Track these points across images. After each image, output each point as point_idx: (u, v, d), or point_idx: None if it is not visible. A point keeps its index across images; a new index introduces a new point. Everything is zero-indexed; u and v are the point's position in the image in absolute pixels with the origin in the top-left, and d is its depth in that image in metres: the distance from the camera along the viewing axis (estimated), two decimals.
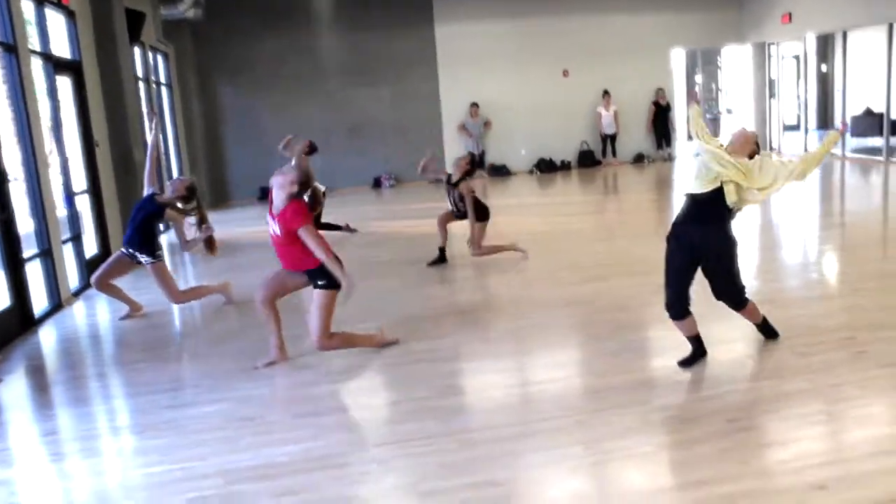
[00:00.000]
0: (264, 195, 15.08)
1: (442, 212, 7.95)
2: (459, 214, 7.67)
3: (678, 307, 4.29)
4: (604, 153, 16.46)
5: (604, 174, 15.41)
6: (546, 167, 16.08)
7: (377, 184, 15.79)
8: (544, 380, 4.38)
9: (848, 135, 15.18)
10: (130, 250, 6.43)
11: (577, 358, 4.77)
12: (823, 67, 17.80)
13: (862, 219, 9.29)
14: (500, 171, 16.04)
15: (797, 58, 16.44)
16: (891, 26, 13.25)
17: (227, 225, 11.88)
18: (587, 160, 16.32)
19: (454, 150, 16.00)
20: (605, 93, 16.19)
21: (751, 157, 4.17)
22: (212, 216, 12.86)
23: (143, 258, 6.39)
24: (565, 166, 16.29)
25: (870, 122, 14.91)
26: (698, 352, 4.37)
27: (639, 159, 16.55)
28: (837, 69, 15.52)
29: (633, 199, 12.32)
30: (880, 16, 13.27)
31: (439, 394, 4.30)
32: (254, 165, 15.20)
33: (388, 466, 3.53)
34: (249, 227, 11.68)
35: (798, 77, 16.45)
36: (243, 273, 7.89)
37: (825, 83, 17.98)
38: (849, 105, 15.34)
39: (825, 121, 17.61)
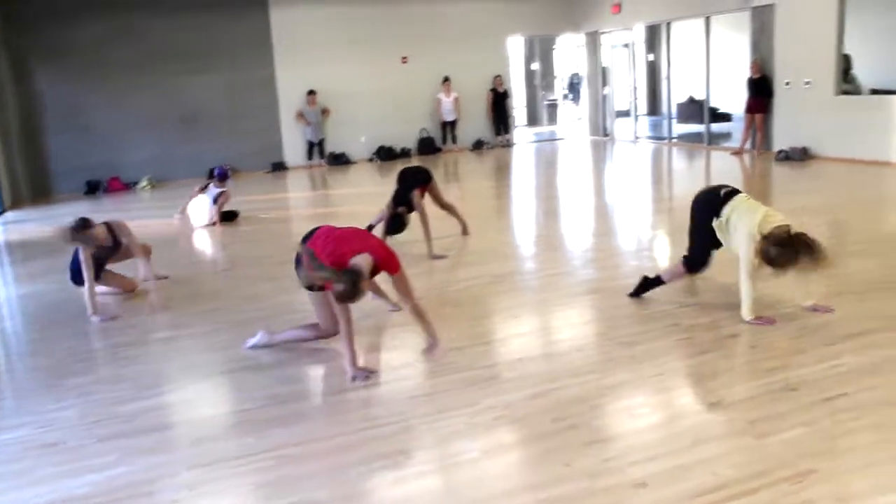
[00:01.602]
0: (91, 189, 14.11)
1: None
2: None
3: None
4: (444, 140, 16.50)
5: (444, 161, 15.42)
6: (386, 155, 15.91)
7: (212, 174, 15.06)
8: (370, 384, 4.19)
9: (674, 120, 15.95)
10: None
11: (404, 360, 4.61)
12: (651, 57, 18.60)
13: (688, 202, 9.67)
14: (340, 160, 15.73)
15: (627, 47, 17.04)
16: (708, 19, 13.96)
17: (47, 222, 10.99)
18: (427, 147, 16.30)
19: (292, 138, 15.60)
20: (445, 79, 16.20)
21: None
22: (34, 212, 12.14)
23: None
24: (406, 153, 16.20)
25: (693, 110, 15.69)
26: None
27: (478, 146, 16.69)
28: (664, 59, 16.23)
29: (472, 186, 12.36)
30: (699, 9, 13.94)
31: (261, 405, 4.03)
32: (79, 157, 14.21)
33: (200, 491, 3.23)
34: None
35: (629, 66, 17.06)
36: (62, 275, 7.28)
37: (654, 72, 18.81)
38: (674, 93, 16.08)
39: (655, 107, 18.44)
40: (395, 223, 7.10)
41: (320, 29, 15.54)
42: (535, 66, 21.66)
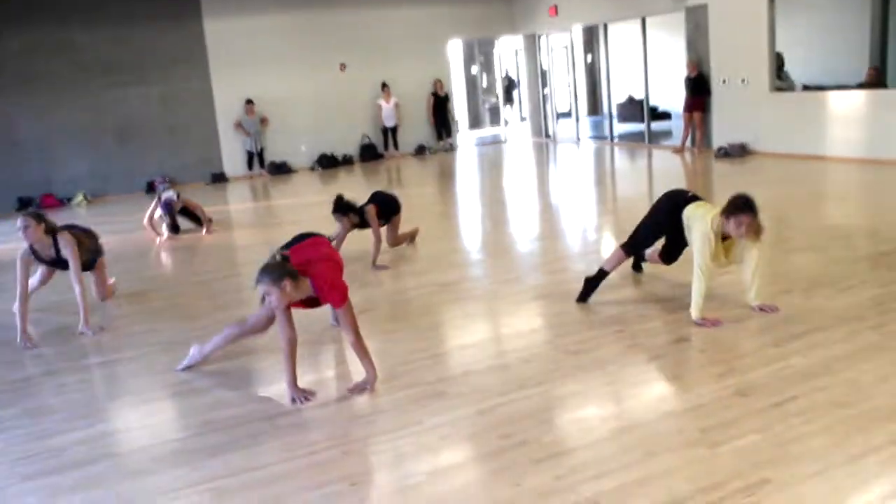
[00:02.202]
0: (23, 205, 13.58)
1: None
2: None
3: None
4: (385, 146, 16.33)
5: (387, 167, 15.26)
6: (328, 163, 15.67)
7: (151, 188, 14.65)
8: (309, 406, 4.01)
9: (615, 120, 16.05)
10: None
11: (345, 378, 4.43)
12: (589, 58, 18.68)
13: (632, 203, 9.67)
14: (281, 169, 15.45)
15: (566, 48, 17.09)
16: (643, 20, 14.05)
17: None
18: (369, 154, 16.11)
19: (232, 148, 15.27)
20: (384, 85, 16.04)
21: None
22: None
23: None
24: (348, 161, 15.98)
25: (632, 110, 15.79)
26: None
27: (420, 151, 16.56)
28: (602, 60, 16.32)
29: (416, 192, 12.21)
30: (635, 10, 14.03)
31: (195, 432, 3.83)
32: (10, 173, 13.71)
33: None
34: (8, 244, 10.36)
35: (568, 67, 17.11)
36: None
37: (593, 73, 18.90)
38: (614, 93, 16.17)
39: (595, 108, 18.52)
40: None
41: (256, 38, 15.22)
42: (476, 69, 21.63)
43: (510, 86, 21.57)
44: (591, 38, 18.21)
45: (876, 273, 5.44)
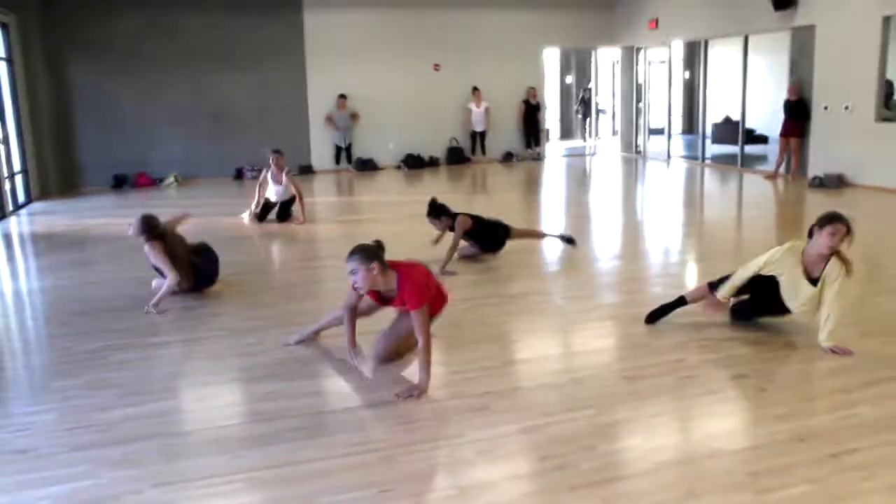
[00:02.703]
0: (118, 183, 14.17)
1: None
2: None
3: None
4: (473, 150, 16.33)
5: (472, 171, 15.25)
6: (414, 163, 15.76)
7: (239, 175, 15.06)
8: (354, 406, 4.01)
9: (709, 140, 15.64)
10: None
11: (394, 381, 4.42)
12: (688, 75, 18.26)
13: (716, 228, 9.39)
14: (367, 166, 15.63)
15: (664, 63, 16.75)
16: (746, 38, 13.63)
17: (76, 214, 11.10)
18: (456, 157, 16.13)
19: (321, 142, 15.52)
20: (475, 89, 16.02)
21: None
22: (60, 204, 12.20)
23: None
24: (434, 162, 16.04)
25: (728, 131, 15.36)
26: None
27: (507, 157, 16.50)
28: (701, 77, 15.92)
29: (499, 199, 12.16)
30: (738, 27, 13.62)
31: (242, 421, 3.88)
32: (108, 151, 14.30)
33: None
34: (100, 219, 10.83)
35: (666, 83, 16.76)
36: (86, 270, 7.26)
37: (691, 90, 18.47)
38: (710, 113, 15.76)
39: (691, 126, 18.09)
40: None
41: (353, 33, 15.47)
42: (570, 79, 21.41)
43: (588, 99, 21.18)
44: (692, 55, 17.82)
45: None
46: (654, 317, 5.15)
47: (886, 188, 10.89)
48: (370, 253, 4.10)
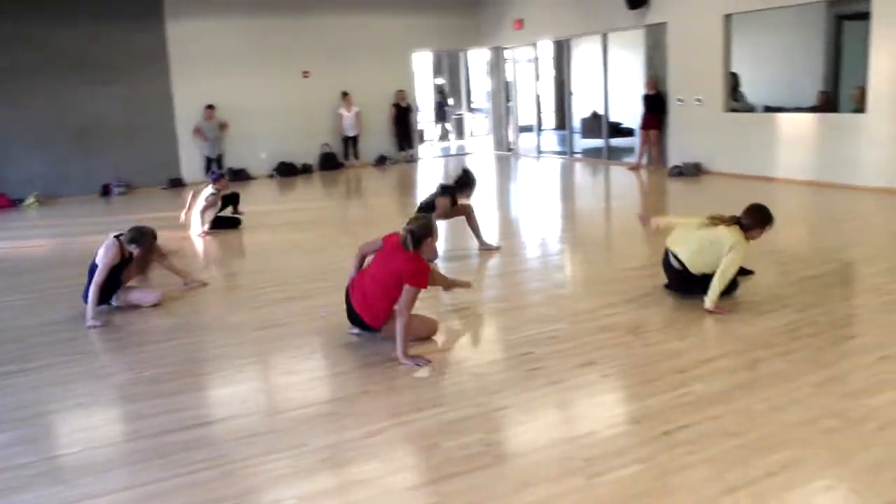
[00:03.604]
0: None
1: None
2: None
3: None
4: (346, 155, 16.24)
5: (346, 177, 15.17)
6: (287, 170, 15.55)
7: (106, 191, 14.47)
8: (192, 424, 3.90)
9: (578, 136, 16.09)
10: None
11: (243, 394, 4.34)
12: (555, 73, 18.72)
13: (581, 219, 9.66)
14: (240, 176, 15.28)
15: (531, 62, 17.10)
16: (605, 36, 14.09)
17: None
18: (329, 163, 16.00)
19: (190, 153, 15.10)
20: (345, 94, 15.94)
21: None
22: None
23: None
24: (307, 169, 15.86)
25: (595, 125, 15.83)
26: None
27: (381, 161, 16.49)
28: (567, 74, 16.35)
29: (375, 203, 12.15)
30: (597, 26, 14.07)
31: (80, 448, 3.71)
32: None
33: None
34: None
35: (534, 81, 17.12)
36: None
37: (560, 87, 18.94)
38: (577, 109, 16.21)
39: (562, 122, 18.53)
40: None
41: (218, 41, 15.10)
42: (441, 80, 21.60)
43: (443, 101, 21.42)
44: (559, 53, 18.27)
45: (799, 297, 5.42)
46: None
47: (735, 174, 11.48)
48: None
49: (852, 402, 3.70)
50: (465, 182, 7.44)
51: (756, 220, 5.22)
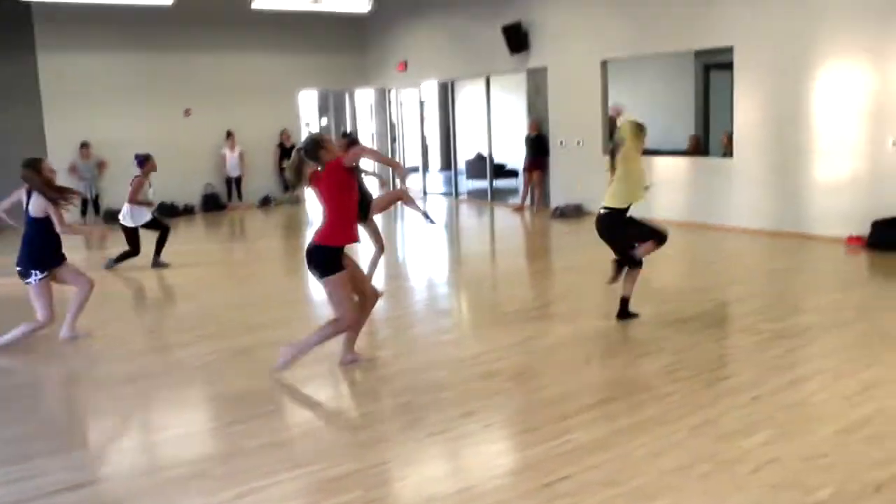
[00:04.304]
0: None
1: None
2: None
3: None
4: (229, 196, 15.84)
5: (230, 218, 14.77)
6: (168, 212, 14.97)
7: None
8: (52, 490, 3.60)
9: (463, 176, 16.24)
10: None
11: (109, 454, 4.05)
12: (440, 114, 18.92)
13: (470, 262, 9.68)
14: (117, 217, 14.59)
15: (419, 103, 17.23)
16: (488, 79, 14.35)
17: None
18: (212, 204, 15.57)
19: None
20: (229, 134, 15.60)
21: None
22: None
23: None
24: (189, 210, 15.36)
25: (481, 166, 16.01)
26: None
27: (265, 202, 16.17)
28: (453, 116, 16.55)
29: (259, 246, 11.85)
30: (479, 69, 14.31)
31: None
32: None
33: None
34: None
35: (420, 121, 17.24)
36: None
37: (445, 128, 19.14)
38: (462, 150, 16.39)
39: (448, 163, 18.69)
40: None
41: (94, 77, 14.53)
42: (325, 121, 21.46)
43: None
44: (444, 95, 18.47)
45: (675, 339, 5.54)
46: (623, 313, 6.00)
47: None
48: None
49: (726, 444, 3.75)
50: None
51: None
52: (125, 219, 9.34)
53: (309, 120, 21.02)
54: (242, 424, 4.28)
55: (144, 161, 9.41)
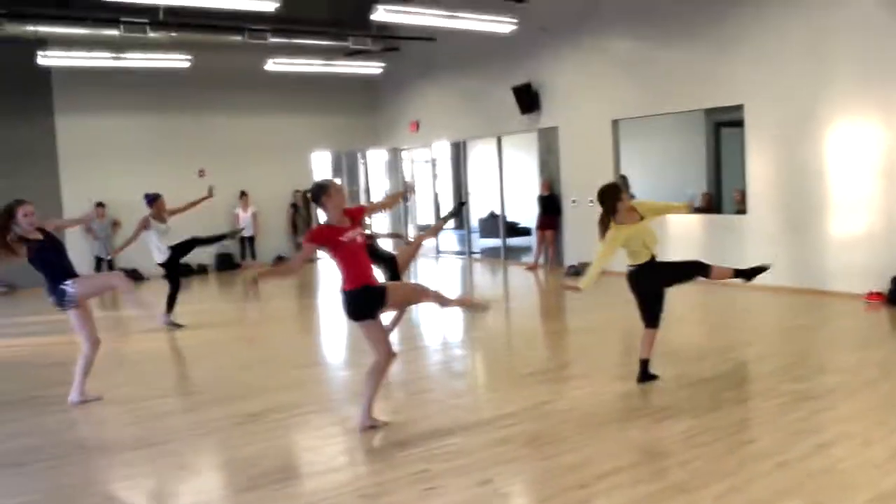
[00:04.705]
0: None
1: None
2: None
3: None
4: (243, 255, 15.89)
5: (243, 278, 14.74)
6: (182, 271, 14.98)
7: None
8: None
9: (476, 235, 16.23)
10: None
11: None
12: (452, 173, 19.03)
13: (481, 323, 9.58)
14: (132, 276, 14.65)
15: (429, 162, 17.35)
16: (499, 139, 14.44)
17: None
18: (226, 263, 15.61)
19: (79, 252, 14.41)
20: (243, 193, 15.72)
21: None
22: None
23: None
24: (203, 270, 15.41)
25: (494, 225, 16.03)
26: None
27: (279, 261, 16.18)
28: (465, 175, 16.63)
29: (274, 305, 11.80)
30: (491, 129, 14.42)
31: None
32: None
33: None
34: None
35: (431, 180, 17.34)
36: None
37: (458, 187, 19.23)
38: (475, 209, 16.42)
39: (460, 222, 18.72)
40: None
41: (110, 138, 14.79)
42: (339, 180, 21.63)
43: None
44: (456, 154, 18.60)
45: (695, 401, 5.41)
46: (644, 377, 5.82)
47: None
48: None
49: None
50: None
51: (608, 203, 5.98)
52: (157, 255, 9.38)
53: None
54: (254, 492, 4.18)
55: (153, 200, 9.49)
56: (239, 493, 4.19)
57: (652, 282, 5.89)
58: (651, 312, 5.88)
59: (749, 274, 6.09)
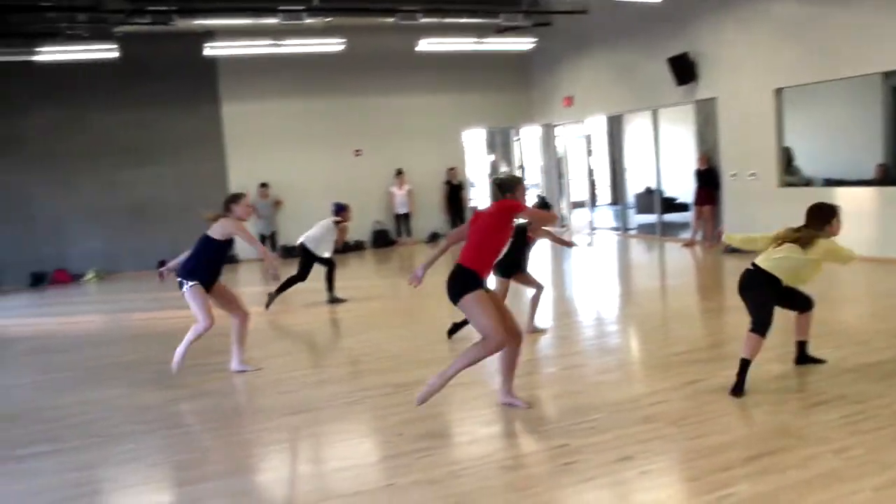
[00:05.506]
0: (36, 281, 13.88)
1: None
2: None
3: None
4: (398, 232, 16.33)
5: (399, 254, 15.21)
6: (339, 247, 15.61)
7: (162, 267, 14.75)
8: None
9: (632, 210, 15.91)
10: None
11: (276, 481, 4.21)
12: (608, 148, 18.67)
13: (639, 300, 9.42)
14: (292, 253, 15.35)
15: (585, 138, 17.12)
16: (655, 112, 14.01)
17: None
18: (382, 240, 16.12)
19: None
20: (399, 172, 16.14)
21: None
22: None
23: None
24: (359, 246, 15.98)
25: (650, 200, 15.62)
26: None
27: (433, 238, 16.52)
28: (620, 150, 16.31)
29: (429, 280, 12.04)
30: (646, 102, 14.02)
31: None
32: (22, 249, 14.01)
33: None
34: (18, 319, 10.50)
35: (585, 156, 17.11)
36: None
37: (613, 162, 18.86)
38: (630, 184, 16.07)
39: (616, 197, 18.40)
40: None
41: (272, 122, 15.57)
42: (492, 157, 21.70)
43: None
44: (611, 129, 18.24)
45: (856, 386, 5.09)
46: (739, 387, 5.04)
47: None
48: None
49: None
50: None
51: (820, 222, 5.42)
52: (318, 248, 9.84)
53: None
54: (398, 459, 4.34)
55: (342, 209, 10.00)
56: (384, 460, 4.37)
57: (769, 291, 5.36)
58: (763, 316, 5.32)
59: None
